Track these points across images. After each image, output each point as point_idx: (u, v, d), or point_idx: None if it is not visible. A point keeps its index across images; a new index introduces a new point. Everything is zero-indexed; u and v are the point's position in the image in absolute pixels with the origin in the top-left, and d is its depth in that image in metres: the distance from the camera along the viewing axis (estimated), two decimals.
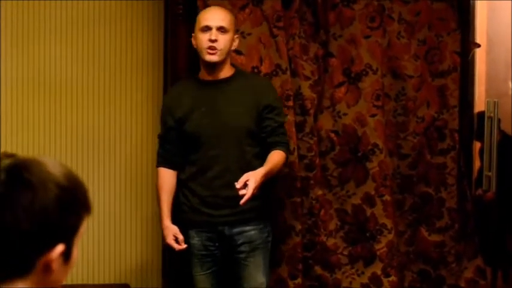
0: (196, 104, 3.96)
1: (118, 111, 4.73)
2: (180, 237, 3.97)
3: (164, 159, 4.06)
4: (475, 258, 4.81)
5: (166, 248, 4.14)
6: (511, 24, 6.59)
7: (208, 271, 4.04)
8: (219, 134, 3.92)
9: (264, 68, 4.43)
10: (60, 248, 1.49)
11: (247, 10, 4.45)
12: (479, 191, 6.25)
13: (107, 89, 4.71)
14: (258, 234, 4.00)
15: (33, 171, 1.50)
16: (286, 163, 4.15)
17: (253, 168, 3.82)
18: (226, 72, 4.00)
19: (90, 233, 4.68)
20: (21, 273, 1.48)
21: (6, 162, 1.51)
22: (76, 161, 4.66)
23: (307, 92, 4.50)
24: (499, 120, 6.27)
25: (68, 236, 1.53)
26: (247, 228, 3.98)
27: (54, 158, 1.60)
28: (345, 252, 4.62)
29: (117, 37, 4.70)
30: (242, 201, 3.66)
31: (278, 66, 4.42)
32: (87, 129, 4.70)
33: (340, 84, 4.58)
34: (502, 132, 6.40)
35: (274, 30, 4.44)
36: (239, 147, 3.94)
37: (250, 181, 3.66)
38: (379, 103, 4.56)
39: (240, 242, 3.98)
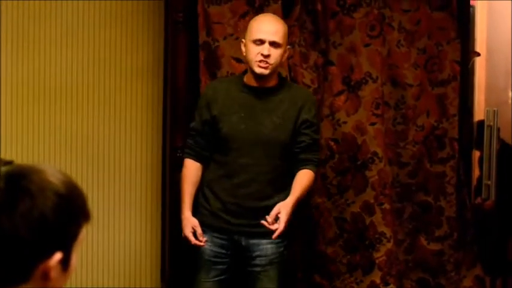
0: (236, 107, 3.90)
1: (118, 117, 4.72)
2: (199, 230, 3.91)
3: (193, 151, 4.00)
4: (474, 267, 4.81)
5: (184, 241, 4.02)
6: (510, 33, 6.59)
7: (214, 278, 3.97)
8: (253, 143, 3.85)
9: None
10: (58, 255, 1.49)
11: (247, 18, 4.45)
12: (479, 200, 6.24)
13: (106, 95, 4.71)
14: (274, 249, 3.92)
15: (32, 179, 1.50)
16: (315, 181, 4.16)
17: (281, 184, 3.87)
18: (272, 81, 3.94)
19: (89, 237, 4.68)
20: (19, 281, 1.48)
21: (4, 169, 1.51)
22: (76, 166, 4.65)
23: None
24: (498, 129, 6.27)
25: (67, 243, 1.53)
26: (264, 241, 3.88)
27: (53, 165, 1.59)
28: (344, 261, 4.62)
29: (117, 44, 4.70)
30: (274, 236, 3.74)
31: (278, 74, 4.43)
32: (87, 135, 4.70)
33: (340, 93, 4.58)
34: (501, 141, 6.40)
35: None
36: (270, 159, 3.87)
37: (281, 214, 3.74)
38: (379, 111, 4.57)
39: (255, 254, 3.92)
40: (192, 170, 3.99)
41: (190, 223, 3.93)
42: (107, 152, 4.73)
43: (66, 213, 1.52)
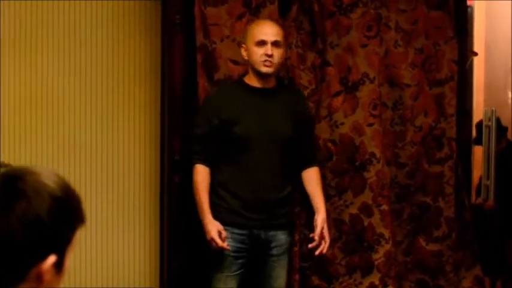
0: (246, 109, 4.11)
1: (115, 120, 4.71)
2: (224, 233, 4.06)
3: (203, 157, 4.14)
4: (474, 267, 4.80)
5: (209, 244, 4.10)
6: (510, 33, 6.59)
7: (237, 272, 4.14)
8: (266, 140, 4.08)
9: None
10: (52, 258, 1.49)
11: (244, 19, 4.45)
12: (479, 200, 6.24)
13: (104, 98, 4.70)
14: (286, 238, 4.21)
15: (27, 181, 1.50)
16: None
17: (288, 175, 4.18)
18: (272, 82, 4.17)
19: (87, 241, 4.67)
20: (13, 283, 1.47)
21: (0, 171, 1.51)
22: (74, 170, 4.64)
23: None
24: (497, 129, 6.27)
25: (61, 246, 1.52)
26: (279, 232, 4.18)
27: (49, 168, 1.59)
28: (343, 263, 4.61)
29: (114, 46, 4.69)
30: (325, 250, 4.19)
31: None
32: (85, 138, 4.68)
33: (337, 94, 4.57)
34: (507, 141, 6.40)
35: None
36: (281, 153, 4.13)
37: (325, 230, 4.20)
38: (376, 112, 4.56)
39: (272, 245, 4.16)
40: (204, 174, 4.14)
41: (215, 226, 4.07)
42: (105, 156, 4.72)
43: (61, 216, 1.51)
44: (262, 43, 4.04)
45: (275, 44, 4.04)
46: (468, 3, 5.15)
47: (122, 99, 4.72)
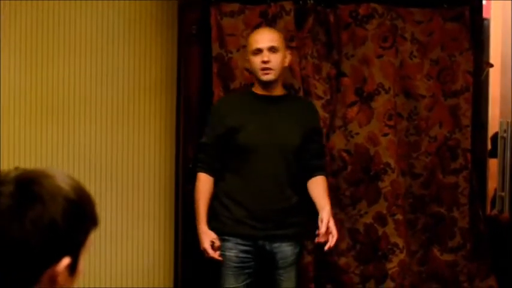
0: (250, 117, 4.08)
1: (131, 128, 4.73)
2: (217, 243, 4.03)
3: (207, 165, 4.13)
4: (488, 278, 4.78)
5: (202, 254, 4.10)
6: None
7: (243, 283, 4.09)
8: (270, 148, 4.03)
9: None
10: (66, 261, 1.49)
11: None
12: (494, 212, 6.21)
13: (120, 106, 4.72)
14: (292, 250, 4.13)
15: (42, 184, 1.50)
16: None
17: (296, 184, 4.09)
18: (279, 90, 4.16)
19: (102, 248, 4.68)
20: (26, 285, 1.48)
21: (14, 174, 1.52)
22: (89, 178, 4.66)
23: (319, 111, 4.51)
24: None
25: (75, 249, 1.53)
26: (284, 244, 4.10)
27: (61, 170, 1.60)
28: (357, 272, 4.61)
29: (130, 56, 4.72)
30: (332, 244, 3.93)
31: (291, 85, 4.44)
32: (100, 146, 4.71)
33: (353, 104, 4.58)
34: None
35: (287, 49, 4.45)
36: (287, 162, 4.07)
37: (331, 223, 3.95)
38: (392, 123, 4.57)
39: (278, 257, 4.10)
40: (205, 183, 4.12)
41: (208, 236, 4.04)
42: (120, 163, 4.74)
43: (76, 219, 1.52)
44: (258, 51, 4.05)
45: (271, 49, 4.04)
46: (484, 16, 5.15)
47: (138, 108, 4.75)
